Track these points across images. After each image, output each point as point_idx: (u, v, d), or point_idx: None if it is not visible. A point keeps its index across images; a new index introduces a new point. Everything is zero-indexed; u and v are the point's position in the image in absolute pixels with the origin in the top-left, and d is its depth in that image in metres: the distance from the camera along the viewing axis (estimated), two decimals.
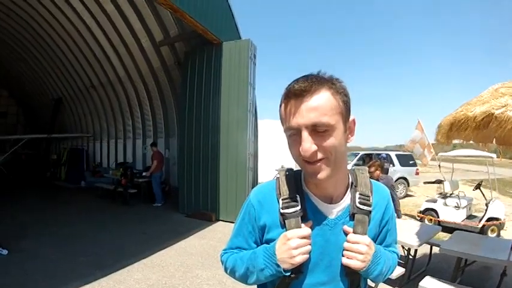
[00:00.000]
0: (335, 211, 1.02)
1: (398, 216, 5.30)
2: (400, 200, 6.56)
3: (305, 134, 0.87)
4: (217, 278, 4.31)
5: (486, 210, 6.71)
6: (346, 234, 1.01)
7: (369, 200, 1.05)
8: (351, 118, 0.97)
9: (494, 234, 6.57)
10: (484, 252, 3.52)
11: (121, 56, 10.36)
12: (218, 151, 7.51)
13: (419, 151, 8.77)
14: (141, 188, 9.76)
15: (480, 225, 6.57)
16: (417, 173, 12.48)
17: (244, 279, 1.09)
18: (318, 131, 0.87)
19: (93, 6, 8.89)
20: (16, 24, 11.06)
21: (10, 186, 11.32)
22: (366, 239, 0.99)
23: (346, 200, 1.04)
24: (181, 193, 8.18)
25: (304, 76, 0.92)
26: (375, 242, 1.04)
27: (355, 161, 11.62)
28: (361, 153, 12.67)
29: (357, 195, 1.04)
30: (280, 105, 0.95)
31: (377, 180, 5.18)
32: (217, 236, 6.34)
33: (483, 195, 7.14)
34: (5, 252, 4.96)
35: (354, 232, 1.00)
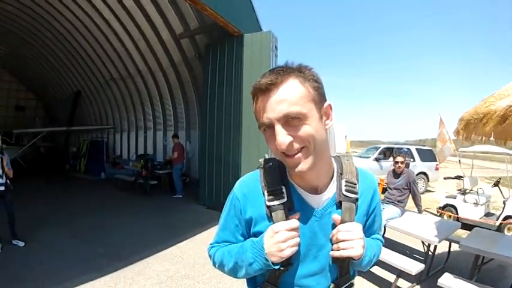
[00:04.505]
0: (321, 201, 1.01)
1: (420, 212, 5.27)
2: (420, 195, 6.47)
3: (278, 127, 0.86)
4: None
5: (504, 208, 6.59)
6: (334, 222, 0.99)
7: (355, 188, 1.03)
8: (326, 104, 0.94)
9: (511, 233, 6.45)
10: (501, 250, 3.46)
11: (141, 50, 10.43)
12: (240, 144, 7.42)
13: (444, 148, 8.53)
14: (162, 179, 9.85)
15: (497, 223, 6.46)
16: (437, 168, 12.28)
17: (233, 273, 1.08)
18: (291, 121, 0.86)
19: (112, 2, 9.02)
20: (36, 22, 11.31)
21: (28, 179, 11.42)
22: (357, 224, 0.98)
23: (332, 189, 1.03)
24: (202, 185, 8.20)
25: (270, 70, 0.91)
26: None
27: (376, 154, 11.53)
28: (382, 146, 12.55)
29: (343, 183, 1.02)
30: (252, 104, 0.94)
31: (400, 173, 5.17)
32: None
33: (501, 192, 7.04)
34: (21, 244, 4.97)
35: (342, 220, 0.98)
